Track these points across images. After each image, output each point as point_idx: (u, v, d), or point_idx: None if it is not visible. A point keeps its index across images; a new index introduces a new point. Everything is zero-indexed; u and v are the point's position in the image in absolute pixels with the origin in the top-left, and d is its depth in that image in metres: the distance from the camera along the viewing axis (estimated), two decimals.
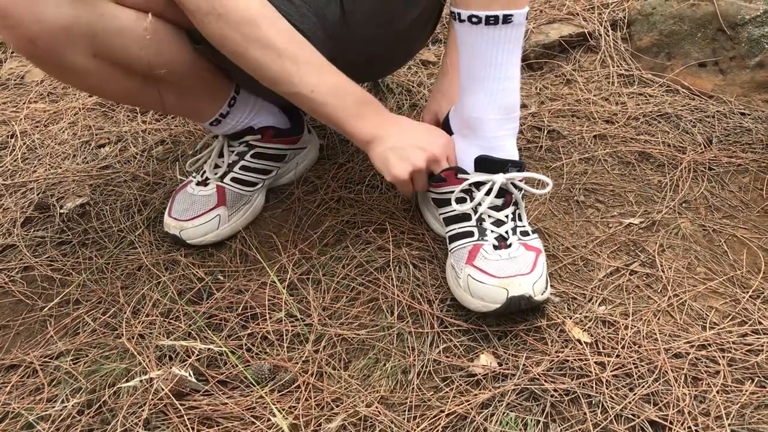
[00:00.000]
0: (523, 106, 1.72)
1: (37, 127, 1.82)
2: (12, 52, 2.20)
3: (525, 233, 1.19)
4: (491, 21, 1.09)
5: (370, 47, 1.32)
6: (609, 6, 1.96)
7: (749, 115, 1.64)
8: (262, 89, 1.39)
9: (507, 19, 1.09)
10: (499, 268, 1.11)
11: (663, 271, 1.24)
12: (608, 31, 1.90)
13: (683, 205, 1.39)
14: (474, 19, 1.10)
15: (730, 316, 1.15)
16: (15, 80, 2.06)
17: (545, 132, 1.63)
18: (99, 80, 1.19)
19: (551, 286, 1.19)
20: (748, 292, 1.19)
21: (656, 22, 1.82)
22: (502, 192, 1.19)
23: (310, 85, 1.15)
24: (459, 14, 1.12)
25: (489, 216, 1.18)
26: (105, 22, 1.11)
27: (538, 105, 1.73)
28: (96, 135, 1.77)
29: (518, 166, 1.18)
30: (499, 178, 1.17)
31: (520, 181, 1.19)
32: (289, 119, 1.46)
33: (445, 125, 1.28)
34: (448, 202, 1.22)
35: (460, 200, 1.20)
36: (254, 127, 1.41)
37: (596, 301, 1.19)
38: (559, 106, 1.72)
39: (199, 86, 1.31)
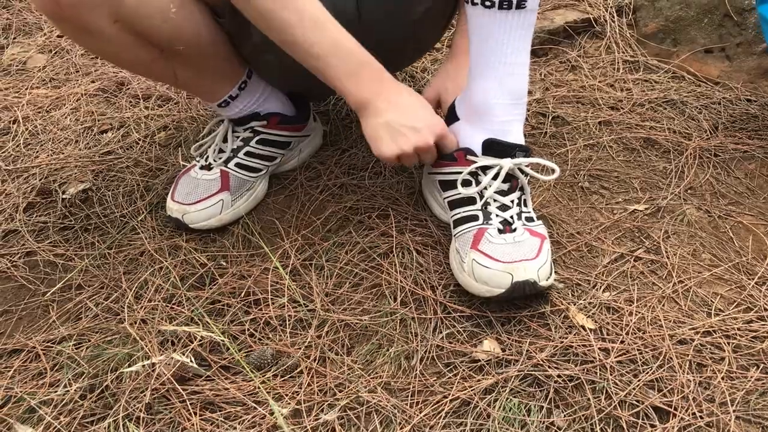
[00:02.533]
0: (528, 92, 1.70)
1: (39, 112, 1.82)
2: (14, 38, 2.20)
3: (530, 219, 1.19)
4: (505, 5, 1.09)
5: (384, 39, 1.31)
6: None
7: (755, 101, 1.63)
8: (272, 75, 1.39)
9: (521, 4, 1.09)
10: (504, 253, 1.10)
11: (668, 258, 1.23)
12: (614, 17, 1.89)
13: (689, 191, 1.39)
14: (487, 3, 1.09)
15: (736, 303, 1.14)
16: (17, 66, 2.05)
17: (550, 118, 1.62)
18: (117, 47, 1.20)
19: (555, 272, 1.18)
20: (753, 279, 1.18)
21: (662, 7, 1.80)
22: (509, 177, 1.18)
23: (311, 39, 1.13)
24: None
25: (494, 200, 1.18)
26: None
27: (543, 91, 1.72)
28: (98, 121, 1.77)
29: (525, 151, 1.18)
30: (507, 163, 1.16)
31: (527, 166, 1.19)
32: (295, 107, 1.46)
33: (451, 112, 1.27)
34: (453, 185, 1.21)
35: (466, 183, 1.19)
36: (260, 113, 1.40)
37: (600, 287, 1.18)
38: (563, 92, 1.70)
39: (214, 66, 1.31)
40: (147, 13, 1.15)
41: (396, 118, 1.17)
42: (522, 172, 1.19)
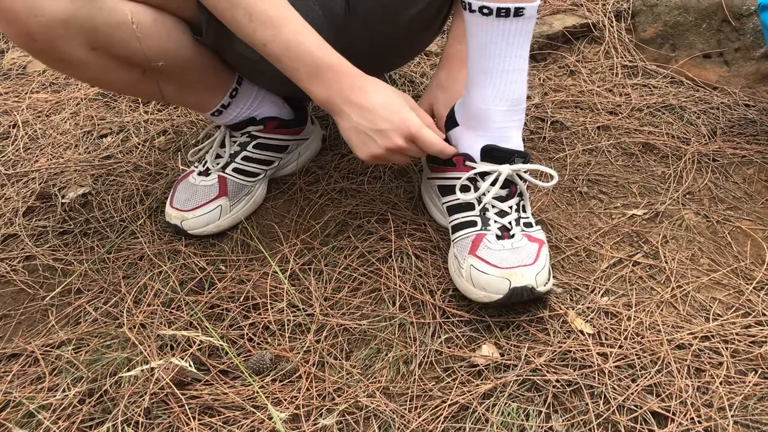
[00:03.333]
0: (527, 97, 1.71)
1: (39, 117, 1.82)
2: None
3: (528, 225, 1.19)
4: (502, 13, 1.08)
5: (375, 40, 1.32)
6: None
7: (754, 106, 1.63)
8: (264, 81, 1.39)
9: (518, 12, 1.09)
10: (502, 259, 1.10)
11: (666, 263, 1.23)
12: (612, 21, 1.89)
13: (687, 196, 1.39)
14: (485, 11, 1.09)
15: (734, 308, 1.15)
16: (17, 70, 2.05)
17: (548, 123, 1.62)
18: (98, 72, 1.19)
19: (554, 277, 1.19)
20: (751, 284, 1.19)
21: (661, 12, 1.81)
22: (507, 183, 1.18)
23: (263, 39, 1.12)
24: (469, 4, 1.10)
25: (493, 206, 1.18)
26: (104, 16, 1.11)
27: (542, 96, 1.72)
28: (98, 125, 1.77)
29: (524, 157, 1.18)
30: (505, 169, 1.17)
31: (526, 172, 1.19)
32: (292, 110, 1.46)
33: (451, 118, 1.27)
34: (452, 191, 1.21)
35: (465, 189, 1.20)
36: (256, 117, 1.40)
37: (599, 292, 1.18)
38: (562, 97, 1.71)
39: (199, 78, 1.30)
40: (122, 38, 1.14)
41: (361, 122, 1.15)
42: (521, 178, 1.19)
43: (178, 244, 1.36)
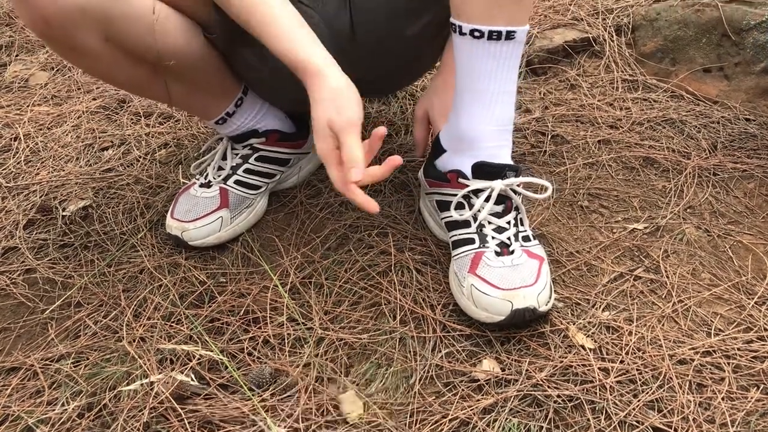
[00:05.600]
0: (527, 111, 1.72)
1: (40, 129, 1.83)
2: (17, 55, 2.21)
3: (527, 238, 1.19)
4: (494, 36, 1.09)
5: (379, 59, 1.32)
6: (613, 11, 1.96)
7: (754, 120, 1.63)
8: (264, 93, 1.39)
9: (510, 36, 1.09)
10: (503, 278, 1.10)
11: (667, 277, 1.23)
12: (612, 36, 1.90)
13: (688, 210, 1.39)
14: (476, 34, 1.10)
15: (735, 323, 1.14)
16: (19, 83, 2.06)
17: (549, 137, 1.62)
18: (108, 65, 1.20)
19: (554, 291, 1.18)
20: (753, 299, 1.18)
21: (661, 27, 1.81)
22: (502, 198, 1.18)
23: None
24: (460, 27, 1.11)
25: (489, 222, 1.17)
26: (122, 7, 1.12)
27: (542, 110, 1.72)
28: (99, 138, 1.77)
29: (515, 170, 1.18)
30: (498, 185, 1.16)
31: (519, 186, 1.19)
32: (294, 124, 1.46)
33: (436, 145, 1.26)
34: (448, 207, 1.21)
35: (459, 206, 1.20)
36: (259, 130, 1.41)
37: (600, 306, 1.18)
38: (563, 111, 1.71)
39: (208, 81, 1.31)
40: (137, 32, 1.15)
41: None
42: (515, 192, 1.19)
43: (178, 257, 1.36)
